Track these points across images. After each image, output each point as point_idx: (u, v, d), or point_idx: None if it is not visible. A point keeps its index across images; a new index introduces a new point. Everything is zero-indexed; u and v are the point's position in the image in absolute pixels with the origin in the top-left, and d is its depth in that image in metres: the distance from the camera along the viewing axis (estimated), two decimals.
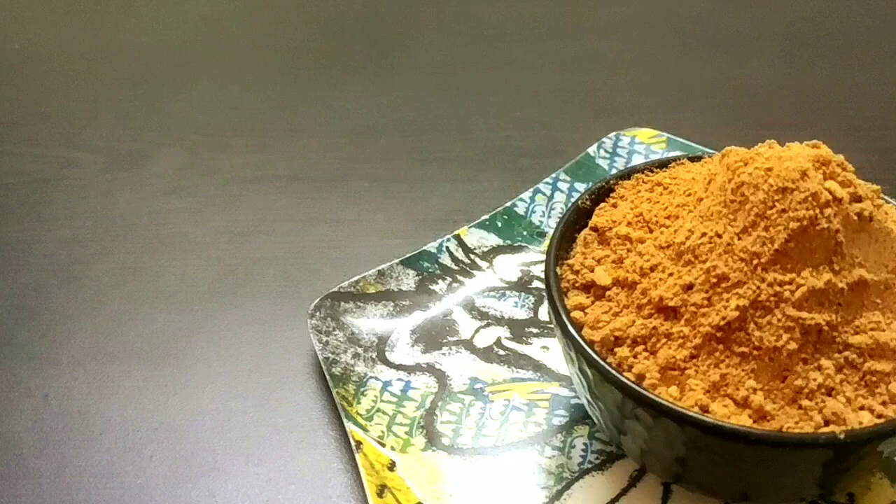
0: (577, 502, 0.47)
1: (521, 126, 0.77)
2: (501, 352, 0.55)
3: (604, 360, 0.43)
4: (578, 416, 0.48)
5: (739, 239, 0.40)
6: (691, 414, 0.39)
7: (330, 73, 0.89)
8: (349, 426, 0.48)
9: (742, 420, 0.39)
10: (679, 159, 0.51)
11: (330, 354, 0.52)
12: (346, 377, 0.52)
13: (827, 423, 0.40)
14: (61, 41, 0.96)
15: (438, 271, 0.59)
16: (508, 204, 0.59)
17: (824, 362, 0.39)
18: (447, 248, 0.60)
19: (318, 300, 0.56)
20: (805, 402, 0.39)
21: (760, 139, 0.43)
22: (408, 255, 0.59)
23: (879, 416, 0.39)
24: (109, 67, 0.91)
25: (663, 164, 0.51)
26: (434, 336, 0.56)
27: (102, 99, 0.85)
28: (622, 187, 0.50)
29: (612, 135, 0.71)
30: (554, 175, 0.60)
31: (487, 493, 0.49)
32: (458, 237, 0.61)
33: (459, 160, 0.73)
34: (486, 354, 0.54)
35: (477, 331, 0.56)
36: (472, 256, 0.60)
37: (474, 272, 0.56)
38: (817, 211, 0.39)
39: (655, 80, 0.88)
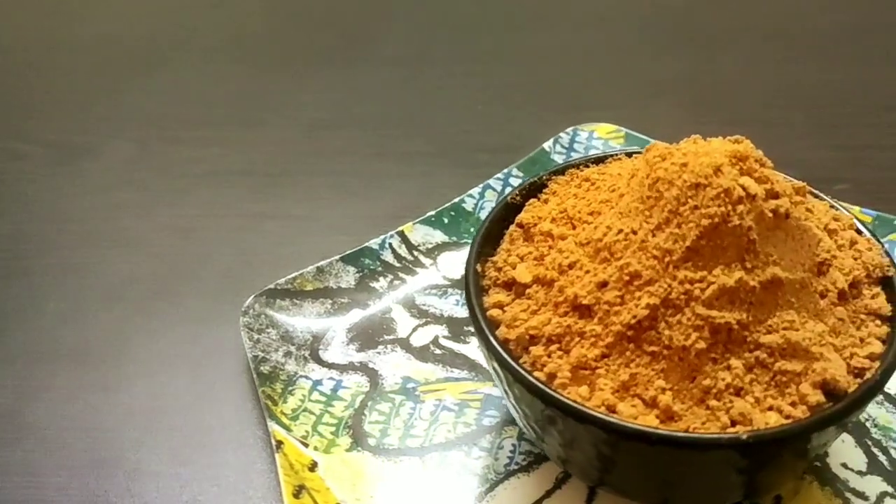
0: (501, 503, 0.44)
1: (482, 121, 0.76)
2: (438, 351, 0.54)
3: (517, 359, 0.42)
4: (509, 417, 0.47)
5: (654, 236, 0.39)
6: (594, 414, 0.38)
7: (291, 66, 0.88)
8: (271, 426, 0.48)
9: (649, 420, 0.38)
10: (616, 155, 0.49)
11: (260, 353, 0.51)
12: (274, 376, 0.51)
13: (734, 423, 0.39)
14: (16, 33, 0.95)
15: (380, 268, 0.58)
16: (456, 200, 0.58)
17: (734, 362, 0.38)
18: (390, 244, 0.60)
19: (252, 297, 0.56)
20: (713, 403, 0.38)
21: (727, 135, 0.42)
22: (348, 252, 0.58)
23: (788, 417, 0.38)
24: (64, 60, 0.91)
25: (600, 160, 0.50)
26: (371, 335, 0.55)
27: (57, 91, 0.85)
28: (556, 183, 0.49)
29: (569, 130, 0.70)
30: (506, 171, 0.60)
31: (409, 494, 0.48)
32: (401, 234, 0.60)
33: (416, 155, 0.72)
34: (422, 353, 0.54)
35: (415, 329, 0.55)
36: (416, 253, 0.60)
37: (417, 269, 0.55)
38: (729, 207, 0.38)
39: (624, 75, 0.87)
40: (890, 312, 0.42)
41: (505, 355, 0.40)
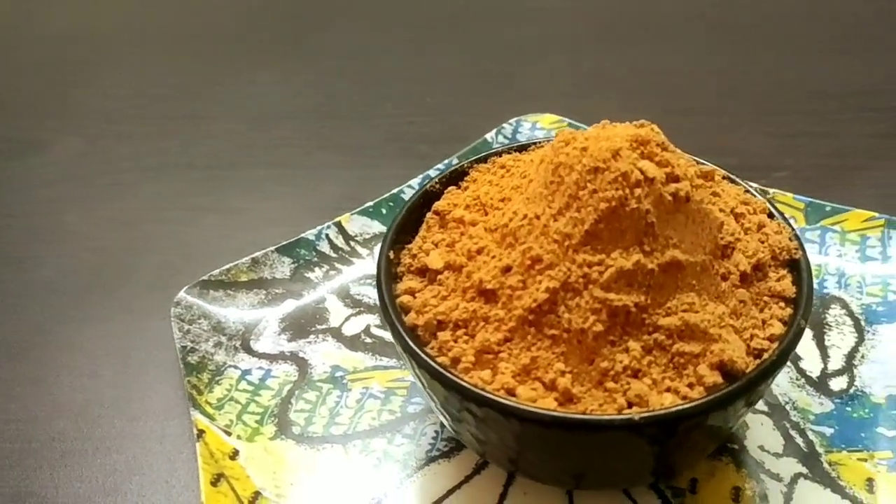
0: (419, 490, 0.46)
1: (427, 112, 0.76)
2: (368, 339, 0.54)
3: (425, 344, 0.42)
4: None
5: (555, 220, 0.40)
6: (492, 397, 0.38)
7: (239, 59, 0.89)
8: (194, 415, 0.48)
9: (547, 403, 0.38)
10: (540, 143, 0.49)
11: (189, 343, 0.52)
12: (201, 366, 0.51)
13: (631, 405, 0.39)
14: None
15: (316, 259, 0.59)
16: (395, 191, 0.58)
17: (632, 344, 0.38)
18: (327, 235, 0.60)
19: (185, 288, 0.56)
20: (610, 385, 0.39)
21: (671, 125, 0.42)
22: (284, 243, 0.59)
23: (684, 398, 0.38)
24: (14, 56, 0.91)
25: (522, 148, 0.50)
26: (303, 324, 0.55)
27: (5, 87, 0.84)
28: (477, 171, 0.49)
29: (512, 120, 0.70)
30: (447, 161, 0.60)
31: (329, 482, 0.48)
32: (339, 224, 0.61)
33: (360, 147, 0.72)
34: (353, 342, 0.54)
35: (347, 318, 0.56)
36: (353, 244, 0.60)
37: (353, 260, 0.55)
38: (627, 191, 0.39)
39: (572, 67, 0.88)
40: (794, 294, 0.42)
41: (409, 341, 0.40)
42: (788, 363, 0.51)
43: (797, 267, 0.44)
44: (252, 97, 0.80)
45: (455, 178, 0.49)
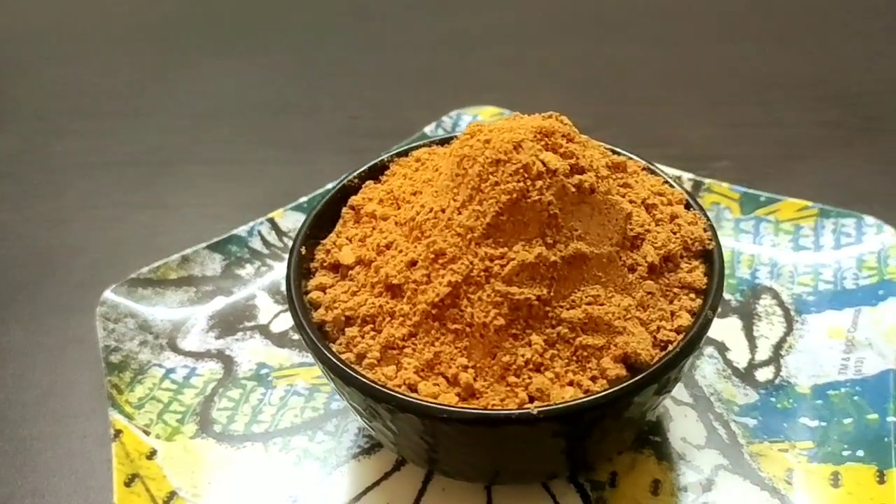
0: (337, 487, 0.46)
1: (372, 107, 0.76)
2: (295, 336, 0.54)
3: (334, 340, 0.42)
4: None
5: (459, 213, 0.39)
6: (390, 393, 0.38)
7: (184, 54, 0.89)
8: (112, 415, 0.48)
9: (448, 399, 0.38)
10: (458, 136, 0.49)
11: (113, 342, 0.51)
12: (123, 365, 0.51)
13: (532, 399, 0.39)
14: None
15: (247, 255, 0.58)
16: (329, 186, 0.58)
17: (535, 338, 0.38)
18: (259, 231, 0.59)
19: (112, 287, 0.56)
20: (512, 379, 0.38)
21: (616, 115, 0.41)
22: (215, 240, 0.58)
23: (587, 392, 0.37)
24: None
25: (445, 141, 0.49)
26: (232, 322, 0.55)
27: None
28: (397, 164, 0.48)
29: (452, 113, 0.70)
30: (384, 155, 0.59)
31: (247, 480, 0.48)
32: (272, 220, 0.60)
33: (301, 143, 0.72)
34: (280, 339, 0.54)
35: (276, 315, 0.55)
36: (286, 240, 0.60)
37: (285, 255, 0.54)
38: (529, 183, 0.38)
39: (518, 59, 0.87)
40: (704, 286, 0.41)
41: (313, 337, 0.40)
42: (716, 354, 0.51)
43: (710, 258, 0.42)
44: (194, 93, 0.80)
45: (375, 172, 0.48)
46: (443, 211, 0.40)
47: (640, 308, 0.40)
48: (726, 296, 0.54)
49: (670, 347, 0.39)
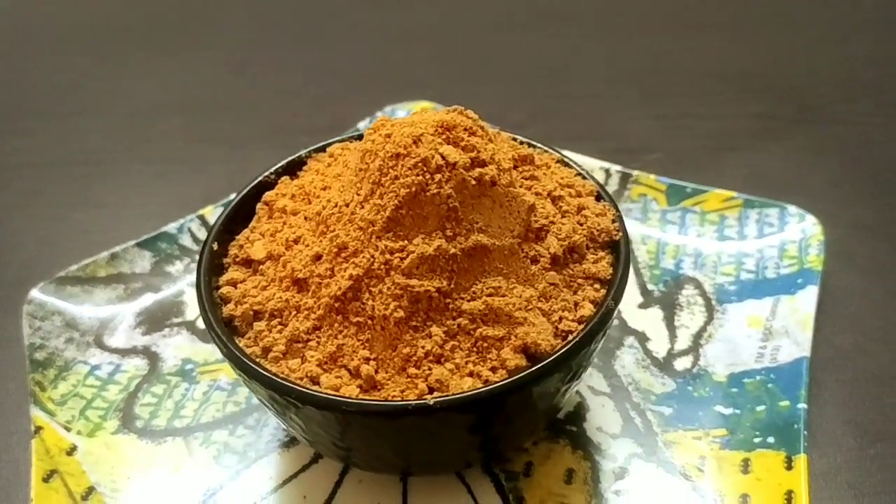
0: (255, 480, 0.47)
1: (311, 103, 0.76)
2: None
3: (242, 335, 0.43)
4: None
5: (362, 207, 0.39)
6: (290, 386, 0.39)
7: (124, 54, 0.89)
8: (34, 411, 0.48)
9: (350, 391, 0.38)
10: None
11: (38, 340, 0.52)
12: (48, 362, 0.51)
13: (432, 390, 0.39)
14: None
15: (177, 252, 0.59)
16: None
17: (435, 330, 0.38)
18: (189, 228, 0.60)
19: (40, 285, 0.56)
20: (412, 371, 0.39)
21: (555, 109, 0.42)
22: (144, 238, 0.58)
23: (487, 382, 0.38)
24: None
25: (360, 137, 0.49)
26: (159, 318, 0.55)
27: None
28: (314, 160, 0.48)
29: (387, 108, 0.70)
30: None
31: (166, 474, 0.48)
32: (202, 217, 0.60)
33: (241, 139, 0.72)
34: (205, 335, 0.54)
35: None
36: None
37: None
38: (428, 176, 0.39)
39: (457, 54, 0.88)
40: (610, 276, 0.41)
41: (218, 332, 0.40)
42: (636, 345, 0.51)
43: (617, 248, 0.42)
44: (132, 93, 0.80)
45: (292, 168, 0.48)
46: (347, 205, 0.40)
47: (542, 299, 0.40)
48: (649, 287, 0.55)
49: (570, 337, 0.38)
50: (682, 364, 0.52)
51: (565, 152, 0.54)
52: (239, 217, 0.47)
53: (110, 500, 0.46)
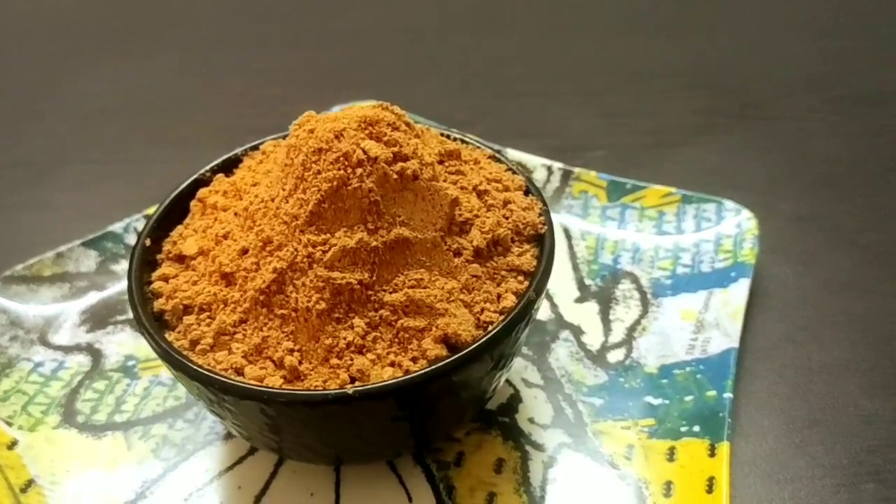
0: (192, 472, 0.47)
1: (258, 104, 0.77)
2: None
3: (173, 328, 0.43)
4: None
5: (286, 202, 0.40)
6: (213, 376, 0.40)
7: (80, 54, 0.90)
8: None
9: (273, 381, 0.39)
10: None
11: None
12: None
13: (354, 380, 0.39)
14: None
15: (122, 251, 0.59)
16: None
17: (357, 321, 0.39)
18: (135, 228, 0.60)
19: None
20: (335, 361, 0.39)
21: (500, 108, 0.43)
22: (90, 237, 0.59)
23: (407, 372, 0.39)
24: None
25: None
26: (104, 316, 0.56)
27: None
28: (250, 158, 0.49)
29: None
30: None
31: (105, 467, 0.49)
32: (147, 217, 0.60)
33: (188, 140, 0.73)
34: None
35: None
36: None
37: None
38: (349, 171, 0.39)
39: (403, 54, 0.89)
40: (533, 268, 0.42)
41: (146, 325, 0.41)
42: (571, 338, 0.52)
43: (543, 242, 0.43)
44: (83, 95, 0.81)
45: (228, 165, 0.49)
46: (272, 200, 0.41)
47: (464, 291, 0.41)
48: (587, 281, 0.56)
49: (490, 328, 0.39)
50: (615, 357, 0.52)
51: (508, 150, 0.55)
52: (174, 214, 0.47)
53: (49, 493, 0.47)
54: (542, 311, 0.55)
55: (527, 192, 0.46)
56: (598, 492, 0.46)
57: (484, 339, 0.41)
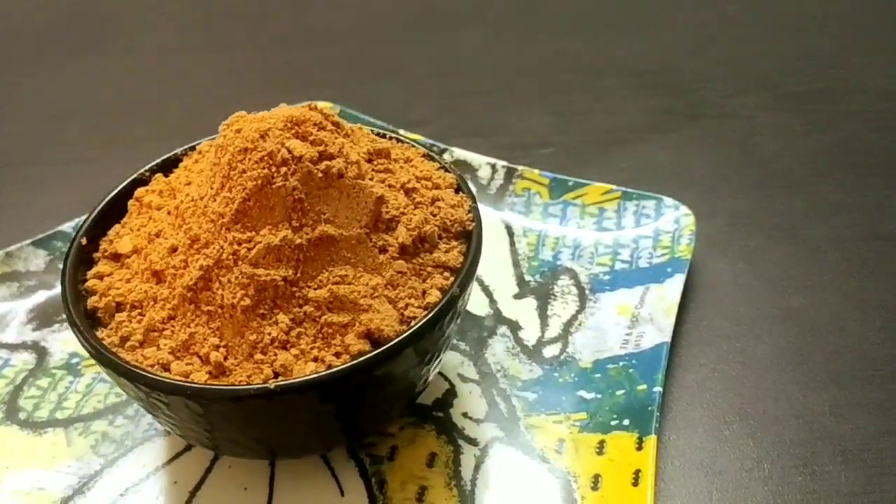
0: (128, 467, 0.48)
1: (216, 105, 0.76)
2: None
3: (105, 326, 0.44)
4: None
5: (214, 200, 0.41)
6: (137, 372, 0.40)
7: (36, 57, 0.91)
8: None
9: (199, 377, 0.40)
10: None
11: None
12: None
13: (277, 375, 0.40)
14: None
15: None
16: None
17: (281, 317, 0.40)
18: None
19: None
20: (259, 357, 0.40)
21: (453, 107, 0.43)
22: (40, 237, 0.60)
23: (330, 367, 0.40)
24: None
25: None
26: (50, 314, 0.57)
27: None
28: (188, 157, 0.50)
29: None
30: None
31: (44, 463, 0.50)
32: None
33: (146, 141, 0.74)
34: None
35: None
36: None
37: None
38: (274, 169, 0.40)
39: (363, 54, 0.90)
40: (459, 264, 0.43)
41: (76, 321, 0.41)
42: (508, 333, 0.53)
43: (471, 238, 0.44)
44: (46, 96, 0.82)
45: (168, 165, 0.50)
46: (201, 199, 0.42)
47: (389, 287, 0.42)
48: (526, 278, 0.57)
49: (413, 323, 0.40)
50: (550, 351, 0.53)
51: (455, 148, 0.56)
52: (114, 214, 0.48)
53: None
54: (481, 307, 0.55)
55: (458, 190, 0.46)
56: (527, 485, 0.46)
57: (406, 334, 0.41)
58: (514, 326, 0.54)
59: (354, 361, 0.40)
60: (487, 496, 0.47)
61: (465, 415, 0.50)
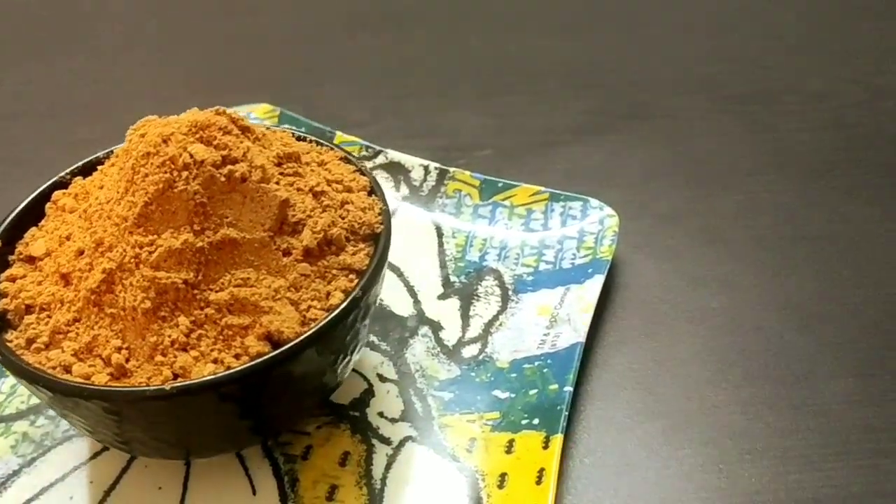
0: (45, 467, 0.49)
1: (162, 107, 0.77)
2: None
3: (15, 328, 0.45)
4: None
5: (118, 204, 0.41)
6: (37, 373, 0.41)
7: None
8: None
9: (100, 378, 0.40)
10: None
11: None
12: None
13: (177, 376, 0.41)
14: None
15: None
16: None
17: (182, 319, 0.40)
18: None
19: None
20: (159, 358, 0.40)
21: (395, 109, 0.44)
22: None
23: (228, 368, 0.40)
24: None
25: None
26: None
27: None
28: (108, 161, 0.50)
29: (228, 111, 0.71)
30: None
31: None
32: None
33: (87, 143, 0.73)
34: None
35: None
36: None
37: None
38: (176, 174, 0.41)
39: (303, 56, 0.90)
40: (365, 266, 0.44)
41: None
42: (429, 333, 0.54)
43: (378, 241, 0.45)
44: None
45: (88, 168, 0.51)
46: (108, 202, 0.42)
47: (292, 289, 0.42)
48: (452, 279, 0.57)
49: (313, 324, 0.41)
50: (469, 352, 0.54)
51: (389, 150, 0.56)
52: (33, 216, 0.48)
53: None
54: (405, 308, 0.57)
55: (370, 193, 0.47)
56: (435, 484, 0.47)
57: (306, 335, 0.42)
58: (436, 327, 0.54)
59: (252, 363, 0.41)
60: (396, 495, 0.47)
61: (380, 414, 0.51)
